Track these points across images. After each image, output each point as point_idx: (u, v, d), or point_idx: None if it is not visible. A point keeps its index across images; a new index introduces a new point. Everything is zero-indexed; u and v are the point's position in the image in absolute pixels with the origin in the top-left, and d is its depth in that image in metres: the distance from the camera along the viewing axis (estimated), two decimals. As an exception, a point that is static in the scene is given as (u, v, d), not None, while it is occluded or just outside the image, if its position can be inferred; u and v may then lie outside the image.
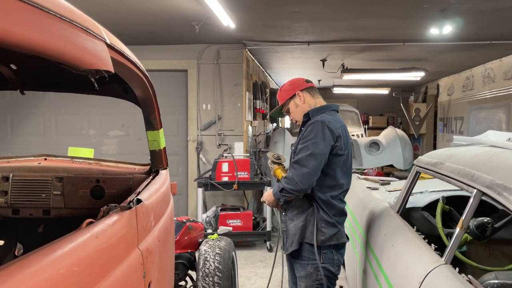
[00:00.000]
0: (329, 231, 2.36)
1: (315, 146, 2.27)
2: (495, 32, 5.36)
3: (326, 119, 2.36)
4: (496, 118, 7.16)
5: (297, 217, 2.41)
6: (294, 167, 2.31)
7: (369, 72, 7.84)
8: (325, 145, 2.29)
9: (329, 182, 2.37)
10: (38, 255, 0.77)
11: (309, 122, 2.38)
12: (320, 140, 2.28)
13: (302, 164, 2.27)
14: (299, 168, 2.27)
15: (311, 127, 2.33)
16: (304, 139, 2.33)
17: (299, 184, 2.26)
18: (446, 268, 1.64)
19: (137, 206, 1.34)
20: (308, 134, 2.32)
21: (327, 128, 2.31)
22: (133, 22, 4.90)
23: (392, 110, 12.52)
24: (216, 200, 6.12)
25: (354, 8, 4.36)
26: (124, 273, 1.12)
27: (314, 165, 2.27)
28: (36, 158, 2.51)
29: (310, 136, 2.30)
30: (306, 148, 2.28)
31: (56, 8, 0.87)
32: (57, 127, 6.36)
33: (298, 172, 2.27)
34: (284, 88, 2.61)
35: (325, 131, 2.30)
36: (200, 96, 6.17)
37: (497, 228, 2.18)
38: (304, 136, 2.34)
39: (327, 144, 2.30)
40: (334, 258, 2.40)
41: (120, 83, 1.83)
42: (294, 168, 2.30)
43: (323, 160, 2.30)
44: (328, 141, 2.30)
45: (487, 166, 1.69)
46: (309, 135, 2.31)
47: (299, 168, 2.27)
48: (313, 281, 2.37)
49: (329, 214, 2.37)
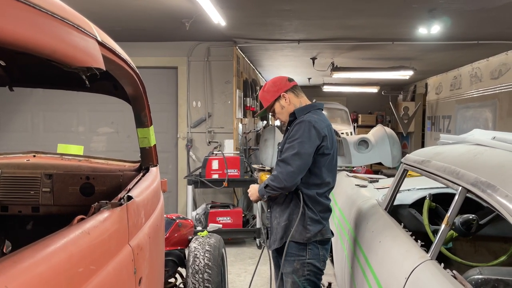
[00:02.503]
0: (314, 228, 2.39)
1: (301, 145, 2.31)
2: (482, 32, 5.44)
3: (312, 119, 2.38)
4: (482, 117, 7.27)
5: (281, 215, 2.45)
6: (279, 165, 2.34)
7: (359, 70, 7.89)
8: (311, 144, 2.33)
9: (315, 180, 2.41)
10: (30, 251, 0.78)
11: (296, 122, 2.41)
12: (306, 140, 2.32)
13: (287, 163, 2.30)
14: (284, 167, 2.31)
15: (297, 126, 2.36)
16: (290, 139, 2.36)
17: (283, 181, 2.30)
18: (431, 263, 1.67)
19: (128, 203, 1.35)
20: (295, 133, 2.35)
21: (313, 128, 2.34)
22: (123, 19, 4.87)
23: (381, 108, 12.62)
24: (206, 197, 6.13)
25: (344, 7, 4.39)
26: (115, 269, 1.13)
27: (299, 165, 2.30)
28: (25, 155, 2.49)
29: (296, 136, 2.33)
30: (292, 148, 2.32)
31: (47, 6, 0.87)
32: (45, 124, 6.30)
33: (283, 170, 2.30)
34: (267, 89, 2.57)
35: (311, 131, 2.33)
36: (190, 94, 6.16)
37: (482, 225, 2.23)
38: (291, 135, 2.37)
39: (312, 143, 2.33)
40: (320, 253, 2.43)
41: (111, 80, 1.83)
42: (279, 166, 2.34)
43: (308, 159, 2.33)
44: (314, 140, 2.34)
45: (472, 164, 1.73)
46: (295, 134, 2.34)
47: (284, 166, 2.31)
48: (299, 277, 2.40)
49: (314, 211, 2.40)
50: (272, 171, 2.45)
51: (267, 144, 6.73)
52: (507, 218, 1.32)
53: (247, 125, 7.68)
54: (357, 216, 2.89)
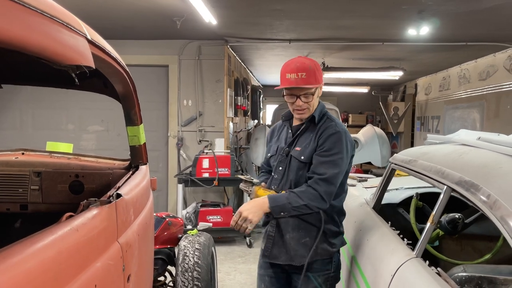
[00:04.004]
0: (338, 241, 2.19)
1: (342, 162, 2.06)
2: (471, 34, 5.51)
3: (344, 128, 2.14)
4: (470, 118, 7.35)
5: (296, 229, 2.13)
6: (319, 183, 2.01)
7: (349, 70, 7.94)
8: (348, 159, 2.12)
9: (340, 191, 2.18)
10: (19, 247, 0.78)
11: (330, 132, 2.08)
12: (345, 156, 2.08)
13: (331, 183, 2.02)
14: (328, 186, 2.02)
15: (334, 138, 2.07)
16: (327, 152, 2.05)
17: (326, 202, 2.03)
18: (416, 261, 1.70)
19: (117, 201, 1.35)
20: (333, 146, 2.06)
21: (349, 141, 2.12)
22: (114, 17, 4.85)
23: (371, 108, 12.71)
24: (196, 196, 6.13)
25: (335, 8, 4.42)
26: (103, 265, 1.14)
27: (338, 183, 2.07)
28: (13, 152, 2.48)
29: (335, 150, 2.05)
30: (334, 164, 2.04)
31: (37, 4, 0.87)
32: (34, 121, 6.25)
33: (327, 190, 2.02)
34: (318, 69, 2.13)
35: (348, 144, 2.11)
36: (181, 92, 6.15)
37: (467, 224, 2.27)
38: (328, 148, 2.06)
39: (349, 158, 2.13)
40: (339, 261, 2.24)
41: (101, 78, 1.83)
42: (320, 185, 2.01)
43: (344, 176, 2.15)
44: (350, 154, 2.14)
45: (457, 164, 1.76)
46: (333, 148, 2.05)
47: (328, 185, 2.02)
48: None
49: (338, 222, 2.19)
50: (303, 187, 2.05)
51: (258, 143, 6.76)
52: (489, 216, 1.35)
53: (238, 124, 7.69)
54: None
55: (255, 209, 2.01)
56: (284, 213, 2.02)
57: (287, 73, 2.06)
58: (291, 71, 2.06)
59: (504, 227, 1.27)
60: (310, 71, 2.06)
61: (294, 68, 2.05)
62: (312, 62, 2.10)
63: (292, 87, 2.07)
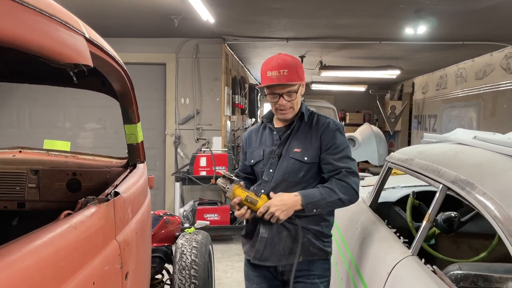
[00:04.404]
0: (331, 242, 2.07)
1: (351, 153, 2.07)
2: (468, 33, 5.53)
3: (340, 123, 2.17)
4: (467, 117, 7.38)
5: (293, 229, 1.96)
6: (349, 176, 1.95)
7: (347, 69, 7.97)
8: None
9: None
10: (17, 244, 0.79)
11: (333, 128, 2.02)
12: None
13: (356, 174, 1.99)
14: (356, 178, 1.97)
15: (339, 133, 2.03)
16: (339, 147, 1.99)
17: (358, 195, 1.98)
18: (412, 259, 1.72)
19: (114, 199, 1.36)
20: (342, 141, 2.02)
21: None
22: (112, 15, 4.84)
23: (368, 107, 12.74)
24: (193, 194, 6.13)
25: (332, 6, 4.43)
26: (101, 263, 1.14)
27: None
28: (10, 150, 2.48)
29: (345, 144, 2.03)
30: (350, 157, 2.02)
31: (35, 3, 0.88)
32: (31, 119, 6.24)
33: (357, 181, 1.97)
34: (300, 66, 2.03)
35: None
36: (178, 90, 6.15)
37: (463, 222, 2.28)
38: (339, 143, 2.00)
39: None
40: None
41: (98, 77, 1.84)
42: (350, 178, 1.95)
43: None
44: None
45: (453, 163, 1.77)
46: (343, 142, 2.02)
47: (356, 177, 1.97)
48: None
49: (330, 223, 2.08)
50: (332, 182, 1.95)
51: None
52: (484, 214, 1.36)
53: (236, 122, 7.69)
54: (342, 213, 2.93)
55: (285, 207, 1.86)
56: (317, 210, 1.90)
57: (268, 71, 1.96)
58: (272, 68, 1.94)
59: (498, 225, 1.28)
60: (292, 67, 1.95)
61: (275, 65, 1.94)
62: (294, 58, 2.02)
63: (274, 85, 1.95)
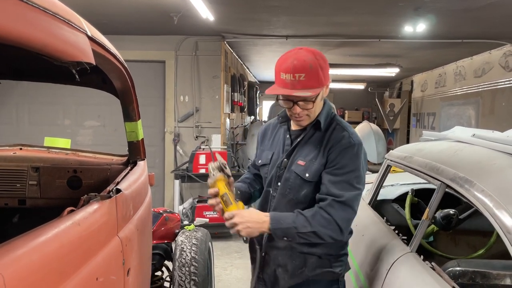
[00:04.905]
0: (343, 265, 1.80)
1: (360, 181, 1.66)
2: (467, 31, 5.54)
3: (360, 140, 1.71)
4: (466, 115, 7.41)
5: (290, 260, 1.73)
6: (335, 207, 1.60)
7: (346, 67, 7.97)
8: (365, 178, 1.72)
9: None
10: (23, 240, 0.80)
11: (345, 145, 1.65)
12: (362, 174, 1.67)
13: (349, 206, 1.61)
14: (345, 211, 1.60)
15: (350, 153, 1.65)
16: (341, 169, 1.64)
17: (342, 232, 1.61)
18: (411, 256, 1.73)
19: (116, 196, 1.37)
20: (348, 162, 1.64)
21: (364, 155, 1.71)
22: (111, 12, 4.84)
23: (367, 105, 12.76)
24: (193, 192, 6.14)
25: (331, 4, 4.43)
26: (104, 259, 1.16)
27: (358, 205, 1.67)
28: (11, 147, 2.48)
29: (351, 167, 1.64)
30: (351, 185, 1.62)
31: (39, 1, 0.89)
32: (30, 116, 6.23)
33: (345, 216, 1.60)
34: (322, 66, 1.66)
35: (363, 161, 1.69)
36: (178, 88, 6.15)
37: (462, 219, 2.30)
38: (342, 164, 1.64)
39: (365, 175, 1.72)
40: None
41: (99, 74, 1.84)
42: (335, 209, 1.59)
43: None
44: (365, 171, 1.72)
45: (452, 160, 1.79)
46: (349, 164, 1.64)
47: (345, 210, 1.60)
48: None
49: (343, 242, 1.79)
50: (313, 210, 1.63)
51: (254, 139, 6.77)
52: (482, 211, 1.38)
53: (235, 120, 7.70)
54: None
55: (250, 224, 1.59)
56: (288, 239, 1.62)
57: (281, 72, 1.62)
58: (286, 70, 1.60)
59: (496, 222, 1.29)
60: (311, 71, 1.59)
61: (290, 67, 1.59)
62: (315, 59, 1.63)
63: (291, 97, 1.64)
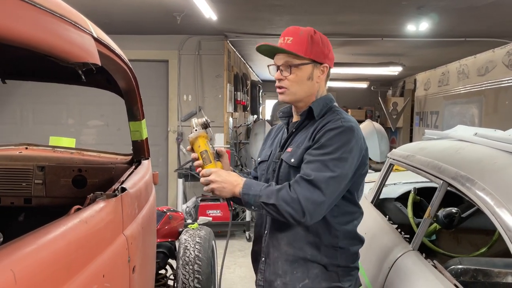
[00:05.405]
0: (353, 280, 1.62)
1: (342, 164, 1.48)
2: (470, 30, 5.54)
3: (355, 123, 1.57)
4: (469, 113, 7.39)
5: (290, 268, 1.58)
6: (301, 185, 1.46)
7: (349, 66, 7.97)
8: (353, 163, 1.52)
9: (352, 208, 1.64)
10: (32, 237, 0.82)
11: (330, 126, 1.53)
12: (348, 156, 1.49)
13: (318, 187, 1.44)
14: (312, 191, 1.45)
15: (333, 133, 1.51)
16: (320, 149, 1.50)
17: (306, 213, 1.44)
18: (413, 253, 1.75)
19: (122, 194, 1.39)
20: (329, 143, 1.50)
21: (359, 139, 1.54)
22: (114, 12, 4.87)
23: (370, 103, 12.75)
24: (196, 190, 6.17)
25: (334, 3, 4.44)
26: (110, 257, 1.18)
27: (333, 192, 1.47)
28: (17, 147, 2.51)
29: (330, 148, 1.49)
30: (325, 166, 1.46)
31: (46, 4, 0.90)
32: (34, 116, 6.27)
33: (310, 197, 1.44)
34: (315, 41, 1.62)
35: (357, 144, 1.53)
36: (181, 87, 6.18)
37: (464, 218, 2.31)
38: (322, 144, 1.51)
39: (355, 161, 1.53)
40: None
41: (104, 74, 1.86)
42: (301, 187, 1.46)
43: (347, 186, 1.54)
44: (358, 158, 1.54)
45: (454, 159, 1.80)
46: (330, 144, 1.49)
47: (312, 191, 1.45)
48: None
49: (351, 251, 1.62)
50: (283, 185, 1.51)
51: (257, 138, 6.79)
52: (483, 209, 1.39)
53: (238, 119, 7.72)
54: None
55: (226, 185, 1.56)
56: (254, 208, 1.53)
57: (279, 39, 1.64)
58: (281, 36, 1.63)
59: (497, 220, 1.30)
60: (299, 37, 1.58)
61: (285, 32, 1.63)
62: (313, 31, 1.62)
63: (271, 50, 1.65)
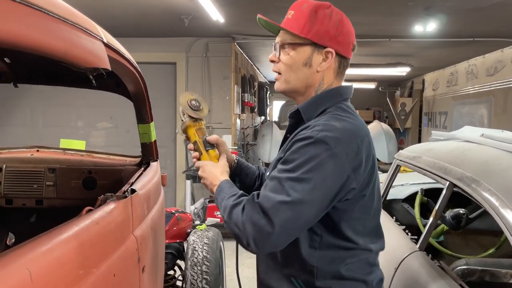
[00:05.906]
0: None
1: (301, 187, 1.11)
2: (478, 30, 5.51)
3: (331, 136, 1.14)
4: (478, 114, 7.35)
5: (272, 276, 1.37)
6: (252, 207, 1.14)
7: (356, 66, 7.97)
8: (325, 186, 1.12)
9: (340, 242, 1.22)
10: (47, 237, 0.85)
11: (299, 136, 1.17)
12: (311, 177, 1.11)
13: (265, 213, 1.11)
14: (260, 218, 1.11)
15: (298, 145, 1.16)
16: (283, 164, 1.17)
17: (250, 241, 1.13)
18: (420, 254, 1.75)
19: (132, 196, 1.42)
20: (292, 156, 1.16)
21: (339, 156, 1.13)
22: (122, 15, 4.92)
23: (378, 104, 12.71)
24: (204, 192, 6.20)
25: (341, 4, 4.40)
26: (120, 257, 1.21)
27: (285, 221, 1.10)
28: (28, 149, 2.56)
29: (293, 164, 1.14)
30: (281, 186, 1.12)
31: (59, 11, 0.94)
32: (44, 118, 6.35)
33: (257, 223, 1.12)
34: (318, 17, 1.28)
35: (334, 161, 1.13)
36: (188, 89, 6.22)
37: (471, 219, 2.31)
38: (286, 158, 1.17)
39: (329, 184, 1.13)
40: None
41: (113, 78, 1.90)
42: (252, 209, 1.14)
43: (316, 214, 1.15)
44: (337, 179, 1.13)
45: (460, 160, 1.80)
46: (293, 159, 1.15)
47: (260, 217, 1.11)
48: None
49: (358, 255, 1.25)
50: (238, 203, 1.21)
51: (265, 140, 6.81)
52: (488, 210, 1.40)
53: (245, 120, 7.74)
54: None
55: (208, 182, 1.38)
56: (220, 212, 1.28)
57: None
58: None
59: (502, 221, 1.31)
60: (300, 11, 1.31)
61: (291, 6, 1.37)
62: (318, 5, 1.30)
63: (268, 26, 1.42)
